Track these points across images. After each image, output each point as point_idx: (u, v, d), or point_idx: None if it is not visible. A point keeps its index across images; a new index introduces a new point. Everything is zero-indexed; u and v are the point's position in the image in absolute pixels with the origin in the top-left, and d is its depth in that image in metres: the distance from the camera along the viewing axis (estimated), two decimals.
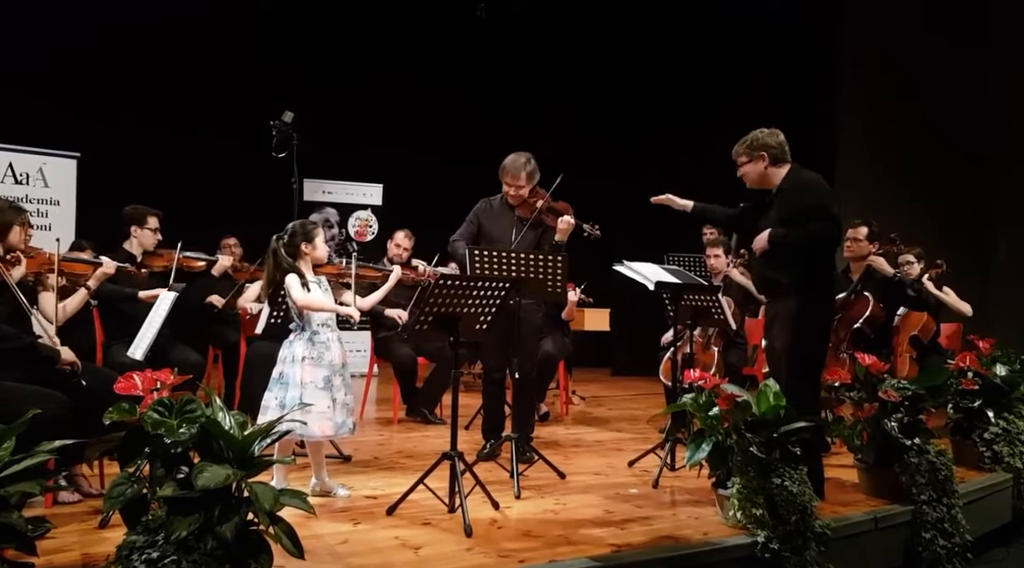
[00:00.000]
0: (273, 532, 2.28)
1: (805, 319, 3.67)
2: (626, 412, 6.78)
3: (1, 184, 6.56)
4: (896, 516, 3.63)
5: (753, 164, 3.83)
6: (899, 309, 5.36)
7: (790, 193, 3.76)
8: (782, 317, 3.75)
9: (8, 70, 7.32)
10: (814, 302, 3.70)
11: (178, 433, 2.30)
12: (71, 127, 7.30)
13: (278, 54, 8.63)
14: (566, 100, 9.57)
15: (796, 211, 3.68)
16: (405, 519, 3.35)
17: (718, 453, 3.30)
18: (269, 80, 8.17)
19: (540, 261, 4.15)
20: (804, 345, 3.69)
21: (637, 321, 6.16)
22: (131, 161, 7.45)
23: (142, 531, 2.19)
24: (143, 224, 4.90)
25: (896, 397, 3.83)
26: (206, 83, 8.26)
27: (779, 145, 3.81)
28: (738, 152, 3.89)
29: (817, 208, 3.64)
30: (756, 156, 3.81)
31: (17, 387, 3.24)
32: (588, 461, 4.67)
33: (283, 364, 3.65)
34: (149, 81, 7.98)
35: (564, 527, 3.30)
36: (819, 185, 3.75)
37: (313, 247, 3.75)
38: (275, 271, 3.72)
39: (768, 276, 3.88)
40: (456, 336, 3.51)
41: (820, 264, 3.72)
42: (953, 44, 7.65)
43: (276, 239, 3.74)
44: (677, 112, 9.06)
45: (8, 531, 2.24)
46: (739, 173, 3.91)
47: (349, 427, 3.69)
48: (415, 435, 5.37)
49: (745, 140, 3.87)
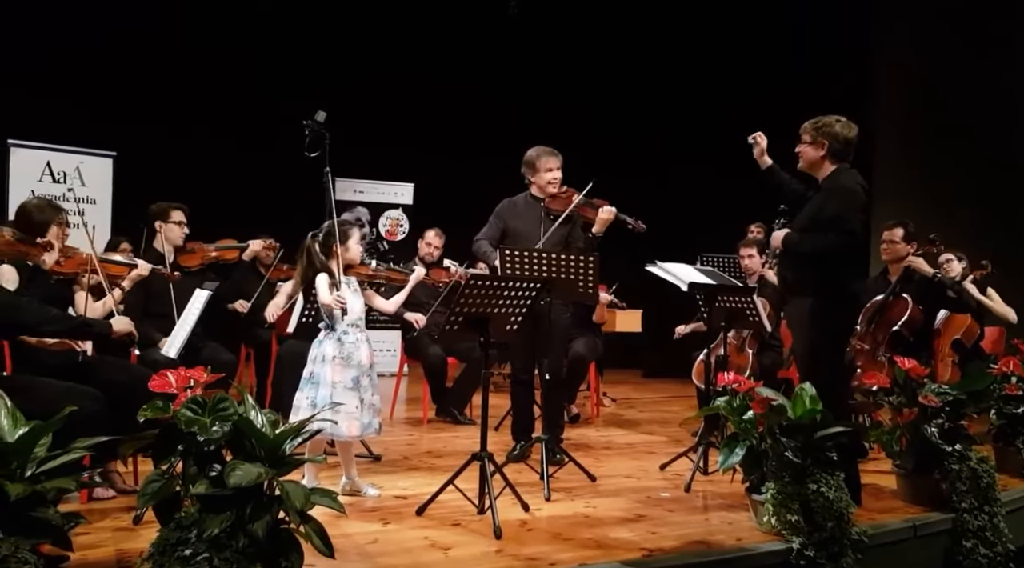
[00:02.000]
0: (304, 531, 2.31)
1: (822, 319, 3.64)
2: (658, 414, 6.75)
3: (39, 183, 6.71)
4: (936, 524, 3.58)
5: (812, 147, 3.78)
6: (940, 312, 5.27)
7: (822, 196, 3.73)
8: (800, 318, 3.74)
9: (45, 71, 7.47)
10: (832, 302, 3.66)
11: (211, 431, 2.33)
12: (108, 126, 7.43)
13: (312, 54, 8.71)
14: (598, 99, 9.54)
15: (817, 218, 3.68)
16: (435, 520, 3.37)
17: (752, 457, 3.27)
18: (302, 80, 8.25)
19: (571, 261, 4.14)
20: (823, 347, 3.66)
21: (669, 322, 6.13)
22: (166, 160, 7.56)
23: (175, 528, 2.23)
24: (167, 219, 4.86)
25: (937, 402, 3.77)
26: (240, 83, 8.36)
27: (845, 141, 3.76)
28: (805, 129, 3.83)
29: (836, 220, 3.60)
30: (819, 141, 3.76)
31: (51, 383, 3.31)
32: (619, 464, 4.66)
33: (313, 364, 3.69)
34: (184, 80, 8.09)
35: (594, 530, 3.30)
36: (850, 196, 3.69)
37: (346, 248, 3.80)
38: (307, 269, 3.76)
39: (787, 275, 3.88)
40: (487, 336, 3.52)
41: (840, 264, 3.68)
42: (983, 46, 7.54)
43: (311, 237, 3.80)
44: (710, 114, 8.98)
45: (44, 526, 2.29)
46: (797, 149, 3.86)
47: (375, 428, 3.73)
48: (445, 435, 5.40)
49: (819, 120, 3.80)
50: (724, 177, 5.90)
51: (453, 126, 9.18)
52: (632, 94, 9.57)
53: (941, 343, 5.17)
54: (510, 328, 3.60)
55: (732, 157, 4.98)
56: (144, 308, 4.64)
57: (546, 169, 4.53)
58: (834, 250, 3.63)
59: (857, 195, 3.72)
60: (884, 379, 4.00)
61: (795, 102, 5.07)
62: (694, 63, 9.15)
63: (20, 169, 6.64)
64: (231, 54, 8.31)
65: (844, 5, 8.38)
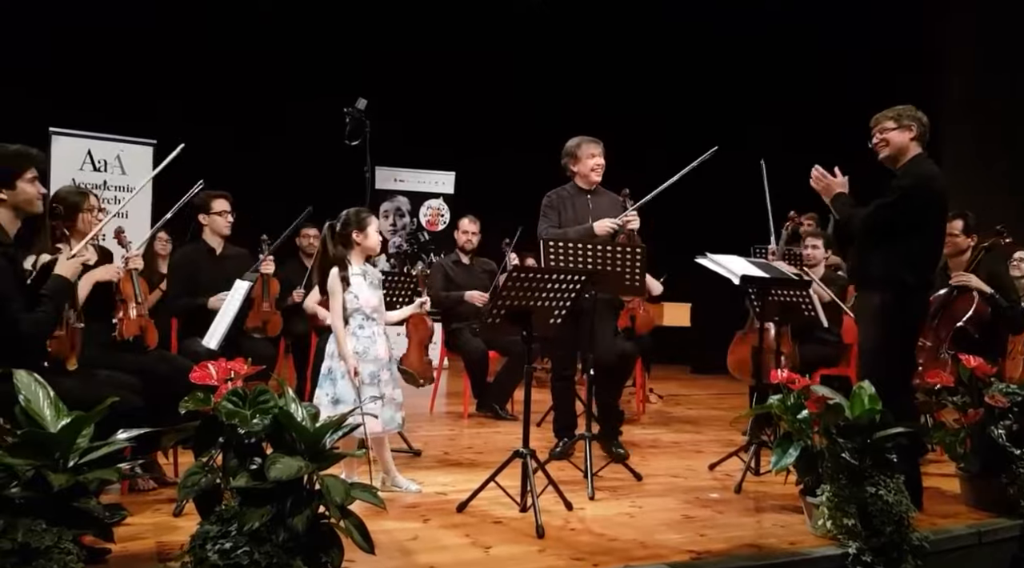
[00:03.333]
0: (344, 526, 2.33)
1: (891, 315, 3.57)
2: (706, 412, 6.69)
3: (80, 171, 6.86)
4: (1002, 530, 3.49)
5: (899, 131, 3.72)
6: None
7: (899, 177, 3.66)
8: (868, 313, 3.67)
9: (86, 57, 7.62)
10: (902, 297, 3.58)
11: (251, 423, 2.36)
12: (148, 114, 7.57)
13: (354, 41, 8.77)
14: (640, 93, 9.45)
15: (885, 197, 3.62)
16: (476, 517, 3.38)
17: (807, 458, 3.22)
18: (343, 67, 8.32)
19: (618, 253, 4.11)
20: (890, 343, 3.59)
21: (719, 317, 6.06)
22: (206, 149, 7.64)
23: (215, 521, 2.26)
24: (209, 210, 4.80)
25: (1004, 402, 3.68)
26: (281, 70, 8.45)
27: (927, 126, 3.74)
28: (886, 116, 3.77)
29: (905, 195, 3.55)
30: (906, 125, 3.71)
31: (93, 373, 3.38)
32: (666, 463, 4.62)
33: (330, 359, 3.67)
34: (224, 68, 8.20)
35: (640, 531, 3.27)
36: (928, 179, 3.62)
37: (365, 236, 3.73)
38: (323, 259, 3.74)
39: (856, 267, 3.82)
40: (530, 330, 3.51)
41: (911, 257, 3.59)
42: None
43: (328, 226, 3.75)
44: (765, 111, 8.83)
45: (86, 517, 2.35)
46: (880, 138, 3.77)
47: (398, 422, 3.76)
48: (485, 431, 5.41)
49: (894, 109, 3.77)
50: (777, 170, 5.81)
51: (496, 115, 9.17)
52: (673, 88, 9.45)
53: (1016, 340, 4.99)
54: (553, 322, 3.58)
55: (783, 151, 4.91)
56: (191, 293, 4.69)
57: (588, 156, 4.58)
58: (861, 225, 3.60)
59: (936, 180, 3.64)
60: (947, 378, 3.91)
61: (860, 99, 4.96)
62: (743, 57, 9.01)
63: (61, 157, 6.79)
64: (272, 42, 8.40)
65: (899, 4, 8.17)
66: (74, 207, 3.65)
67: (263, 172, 7.90)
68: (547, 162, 4.96)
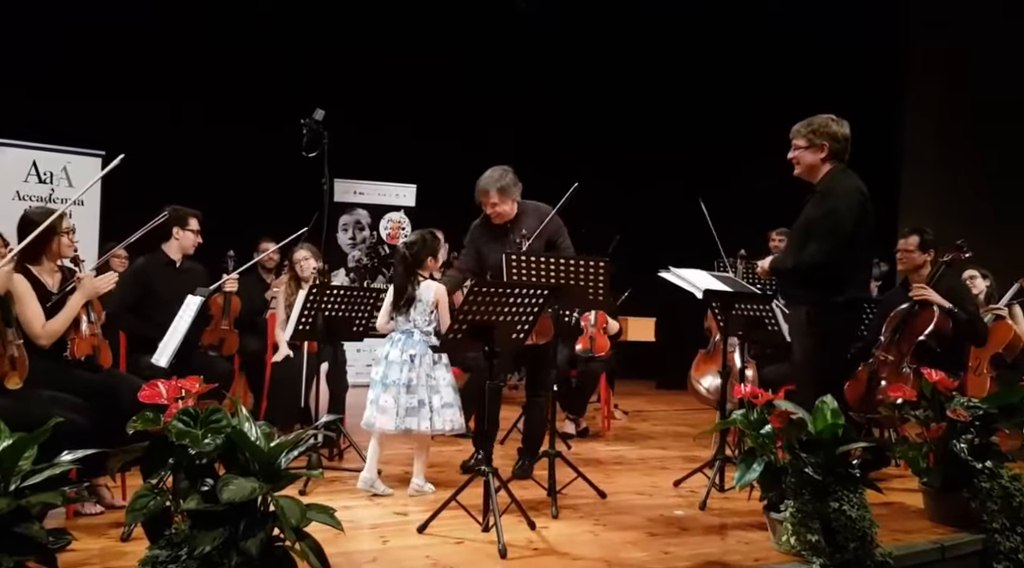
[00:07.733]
0: (300, 549, 2.32)
1: (815, 329, 3.66)
2: (672, 428, 6.74)
3: (24, 183, 6.72)
4: (965, 545, 3.56)
5: (811, 151, 3.80)
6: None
7: (816, 198, 3.80)
8: (795, 326, 3.80)
9: (30, 66, 7.51)
10: (826, 309, 3.70)
11: (203, 443, 2.34)
12: (95, 125, 7.46)
13: (309, 50, 8.73)
14: (609, 100, 9.55)
15: (810, 224, 3.75)
16: (437, 537, 3.38)
17: (770, 474, 3.26)
18: (300, 77, 8.28)
19: (581, 267, 4.14)
20: (818, 355, 3.69)
21: (685, 331, 6.12)
22: (156, 160, 7.58)
23: (165, 545, 2.24)
24: (185, 225, 4.92)
25: (966, 416, 3.75)
26: (233, 80, 8.38)
27: (844, 140, 3.79)
28: (799, 132, 3.84)
29: (828, 220, 3.66)
30: (817, 144, 3.78)
31: (36, 392, 3.31)
32: (630, 480, 4.65)
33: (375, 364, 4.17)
34: (175, 79, 8.12)
35: (604, 549, 3.29)
36: (845, 197, 3.73)
37: (436, 260, 4.31)
38: (404, 277, 4.15)
39: (782, 282, 4.02)
40: (492, 346, 3.52)
41: (835, 271, 3.70)
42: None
43: (404, 246, 4.21)
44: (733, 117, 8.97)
45: (29, 543, 2.30)
46: (791, 155, 3.87)
47: (406, 426, 4.02)
48: (447, 449, 5.39)
49: (812, 122, 3.82)
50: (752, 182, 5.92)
51: (458, 126, 9.18)
52: (648, 97, 9.55)
53: (980, 355, 5.09)
54: (516, 337, 3.60)
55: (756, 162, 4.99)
56: (137, 310, 4.68)
57: (480, 203, 4.58)
58: (824, 257, 3.67)
59: (853, 196, 3.72)
60: (910, 392, 3.98)
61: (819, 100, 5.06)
62: (712, 64, 9.14)
63: (5, 169, 6.66)
64: (224, 51, 8.34)
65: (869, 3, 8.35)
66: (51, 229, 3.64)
67: (216, 184, 7.82)
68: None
